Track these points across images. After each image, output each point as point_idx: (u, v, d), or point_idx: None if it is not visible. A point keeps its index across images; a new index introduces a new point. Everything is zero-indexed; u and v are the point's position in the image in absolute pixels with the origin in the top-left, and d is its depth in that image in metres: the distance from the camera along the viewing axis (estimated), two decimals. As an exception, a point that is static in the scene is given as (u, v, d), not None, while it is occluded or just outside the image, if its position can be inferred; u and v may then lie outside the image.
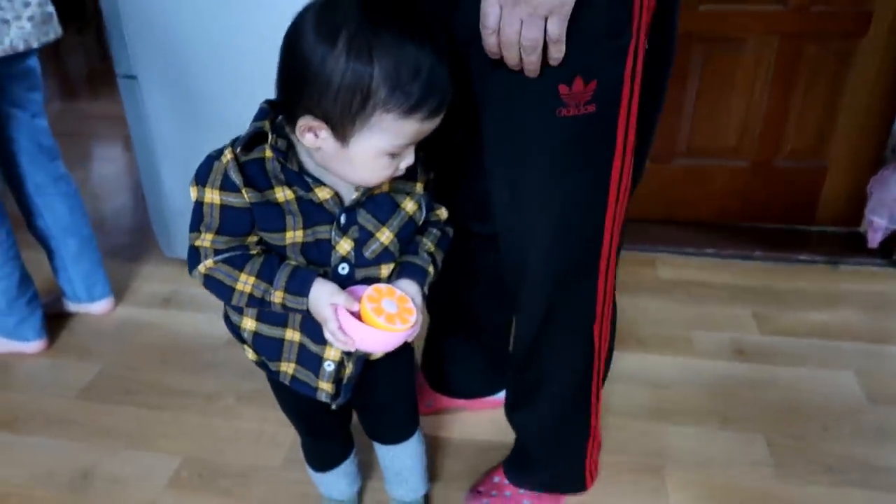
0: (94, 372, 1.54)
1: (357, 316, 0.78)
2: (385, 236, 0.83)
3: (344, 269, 0.82)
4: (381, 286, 0.80)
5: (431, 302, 1.21)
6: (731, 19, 1.81)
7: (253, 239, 0.79)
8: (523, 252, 0.97)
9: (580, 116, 0.81)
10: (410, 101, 0.69)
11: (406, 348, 0.97)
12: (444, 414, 1.42)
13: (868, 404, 1.42)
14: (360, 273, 0.83)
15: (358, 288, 0.81)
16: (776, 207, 2.02)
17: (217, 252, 0.78)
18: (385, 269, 0.84)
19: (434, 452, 1.32)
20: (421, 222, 0.87)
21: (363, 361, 0.89)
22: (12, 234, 1.51)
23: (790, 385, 1.48)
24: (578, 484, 1.20)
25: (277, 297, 0.78)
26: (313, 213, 0.78)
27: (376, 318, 0.76)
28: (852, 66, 1.83)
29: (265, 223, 0.77)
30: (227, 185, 0.75)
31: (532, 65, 0.77)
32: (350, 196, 0.80)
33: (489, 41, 0.77)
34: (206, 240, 0.77)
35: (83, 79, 3.74)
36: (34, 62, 1.49)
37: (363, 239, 0.82)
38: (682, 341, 1.62)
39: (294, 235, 0.78)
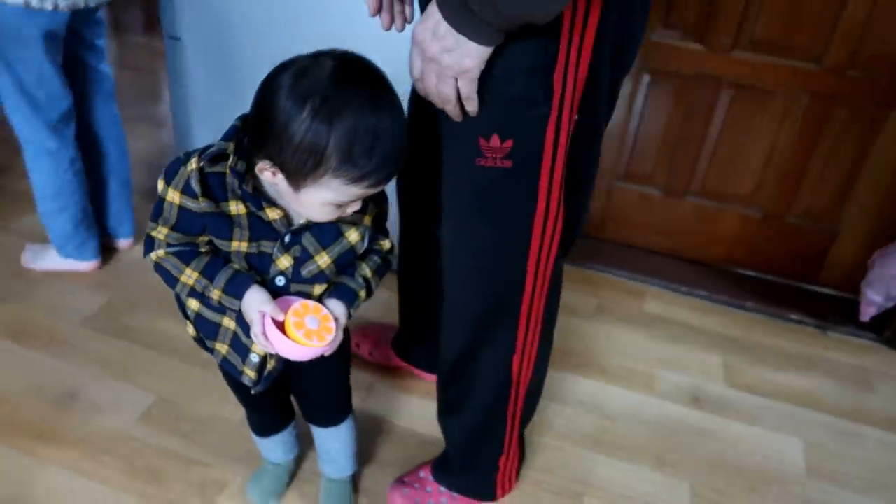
0: (101, 303, 1.70)
1: (281, 325, 0.87)
2: (323, 260, 0.91)
3: (280, 281, 0.91)
4: (310, 303, 0.89)
5: (407, 280, 1.37)
6: (762, 70, 1.80)
7: (203, 239, 0.89)
8: (448, 283, 1.05)
9: (496, 168, 0.90)
10: (358, 173, 0.78)
11: (341, 343, 1.07)
12: (395, 398, 1.52)
13: (804, 476, 1.45)
14: (295, 287, 0.92)
15: (290, 299, 0.90)
16: (780, 261, 2.02)
17: (169, 245, 0.88)
18: (318, 288, 0.93)
19: (377, 436, 1.43)
20: (361, 251, 0.95)
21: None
22: (79, 160, 1.68)
23: (733, 441, 1.52)
24: (488, 494, 1.29)
25: (215, 294, 0.88)
26: (261, 228, 0.87)
27: (296, 332, 0.86)
28: (882, 133, 1.80)
29: (215, 231, 0.87)
30: (187, 191, 0.84)
31: (451, 113, 0.86)
32: (299, 219, 0.88)
33: (417, 86, 0.86)
34: (161, 232, 0.87)
35: (138, 33, 3.91)
36: (102, 13, 1.64)
37: (303, 259, 0.90)
38: (644, 377, 1.67)
39: (239, 245, 0.88)
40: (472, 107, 0.85)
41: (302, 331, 0.86)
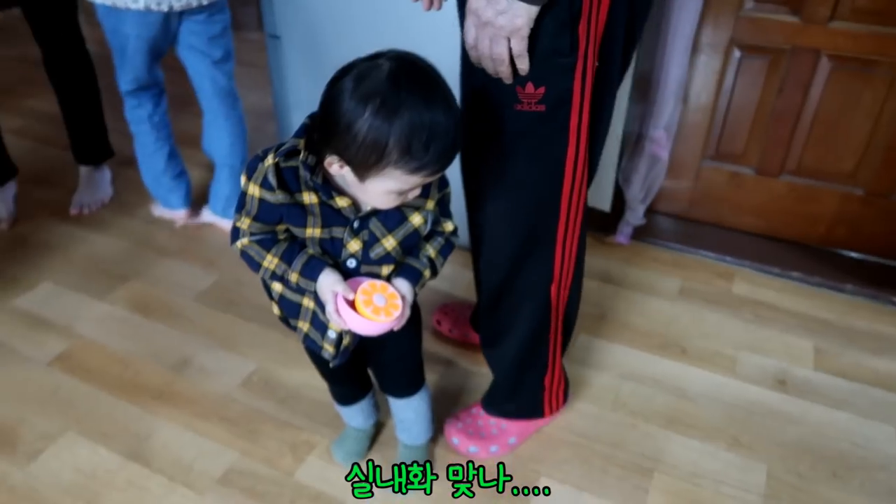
0: (211, 281, 1.88)
1: (352, 304, 0.96)
2: (389, 243, 0.99)
3: (351, 263, 1.00)
4: (377, 282, 0.98)
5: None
6: (863, 40, 1.70)
7: (281, 227, 0.99)
8: (485, 216, 1.18)
9: (532, 112, 1.02)
10: (417, 164, 0.86)
11: (412, 320, 1.16)
12: (472, 373, 1.59)
13: (893, 464, 1.39)
14: (365, 269, 1.00)
15: (359, 279, 0.99)
16: (883, 242, 1.91)
17: (252, 234, 0.99)
18: (386, 269, 1.01)
19: (454, 409, 1.50)
20: (425, 233, 1.03)
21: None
22: (167, 114, 1.93)
23: (817, 426, 1.48)
24: (538, 412, 1.41)
25: (293, 277, 0.98)
26: (332, 216, 0.96)
27: (365, 309, 0.95)
28: None
29: (291, 219, 0.96)
30: (265, 184, 0.93)
31: (503, 74, 0.97)
32: (365, 207, 0.97)
33: (471, 54, 0.98)
34: (244, 223, 0.98)
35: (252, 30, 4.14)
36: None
37: (370, 242, 0.99)
38: (726, 359, 1.65)
39: (313, 232, 0.97)
40: (523, 64, 0.96)
41: (370, 307, 0.95)
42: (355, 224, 0.97)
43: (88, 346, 1.66)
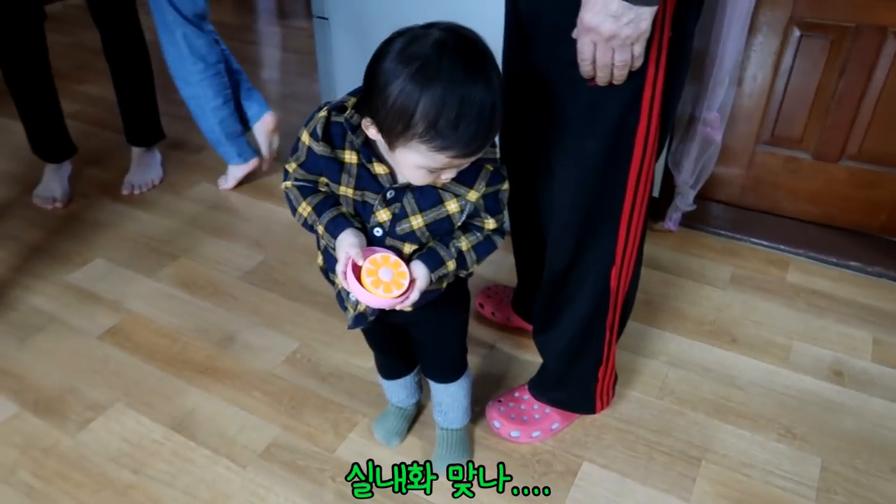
0: (257, 261, 1.90)
1: (359, 270, 0.94)
2: (416, 222, 0.97)
3: (378, 232, 0.98)
4: (392, 257, 0.95)
5: (520, 239, 1.45)
6: (934, 16, 1.62)
7: (323, 180, 0.99)
8: (552, 193, 1.14)
9: (603, 87, 0.97)
10: (442, 143, 0.83)
11: (456, 308, 1.15)
12: (514, 358, 1.57)
13: (959, 460, 1.32)
14: (389, 241, 0.99)
15: (376, 249, 0.97)
16: (952, 231, 1.82)
17: (296, 180, 1.00)
18: (408, 247, 0.99)
19: (496, 393, 1.49)
20: (459, 223, 0.99)
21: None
22: (217, 69, 2.03)
23: (876, 418, 1.41)
24: (588, 406, 1.36)
25: (320, 229, 0.99)
26: (367, 180, 0.95)
27: (366, 279, 0.93)
28: None
29: (328, 173, 0.97)
30: (313, 134, 0.94)
31: (622, 77, 0.94)
32: (402, 179, 0.95)
33: (586, 69, 0.94)
34: (291, 166, 1.00)
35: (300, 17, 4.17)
36: None
37: (399, 216, 0.97)
38: (778, 349, 1.59)
39: (346, 190, 0.97)
40: (639, 62, 0.93)
41: (372, 279, 0.93)
42: (388, 194, 0.96)
43: (137, 321, 1.69)
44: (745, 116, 1.92)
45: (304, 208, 1.00)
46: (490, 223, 1.01)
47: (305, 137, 0.95)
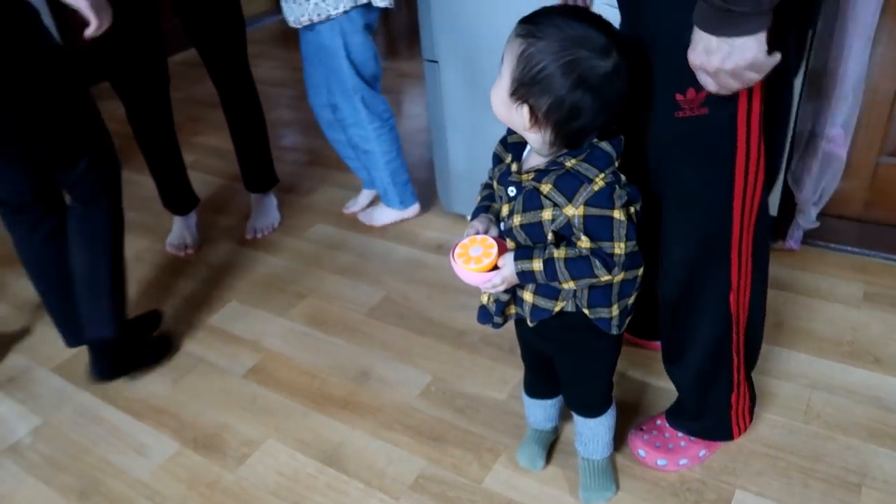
0: (380, 297, 1.97)
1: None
2: (516, 220, 1.03)
3: (502, 225, 1.08)
4: (489, 239, 1.05)
5: None
6: None
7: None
8: (665, 235, 1.16)
9: (695, 117, 0.99)
10: None
11: (595, 347, 1.18)
12: (645, 386, 1.57)
13: None
14: (505, 236, 1.08)
15: (486, 236, 1.06)
16: None
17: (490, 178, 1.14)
18: (511, 244, 1.07)
19: (632, 418, 1.49)
20: (549, 231, 1.01)
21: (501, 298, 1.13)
22: (390, 124, 2.13)
23: None
24: (726, 433, 1.36)
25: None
26: (504, 175, 1.07)
27: (458, 250, 1.04)
28: None
29: (493, 166, 1.12)
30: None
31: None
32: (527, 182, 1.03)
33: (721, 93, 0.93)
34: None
35: (405, 40, 4.32)
36: None
37: (510, 213, 1.05)
38: (928, 368, 1.53)
39: (493, 182, 1.11)
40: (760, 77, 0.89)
41: (462, 252, 1.04)
42: (511, 191, 1.04)
43: (276, 359, 1.78)
44: (866, 129, 1.87)
45: (476, 200, 1.14)
46: (584, 242, 0.99)
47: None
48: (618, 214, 0.98)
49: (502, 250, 1.05)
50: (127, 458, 1.54)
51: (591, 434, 1.30)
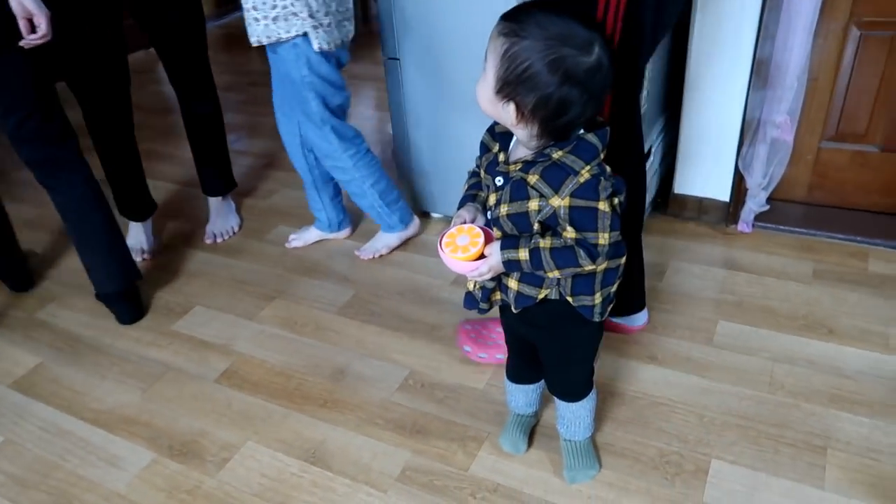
0: (350, 295, 1.97)
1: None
2: (503, 210, 1.05)
3: (489, 214, 1.10)
4: (476, 228, 1.08)
5: None
6: None
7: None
8: None
9: None
10: None
11: (577, 335, 1.21)
12: (619, 363, 1.62)
13: None
14: (492, 224, 1.10)
15: (473, 225, 1.09)
16: None
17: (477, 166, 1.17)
18: (497, 233, 1.09)
19: (610, 398, 1.53)
20: (535, 221, 1.03)
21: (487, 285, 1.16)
22: (364, 147, 2.01)
23: None
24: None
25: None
26: (491, 165, 1.09)
27: (445, 240, 1.07)
28: None
29: (480, 155, 1.14)
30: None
31: None
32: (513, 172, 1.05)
33: None
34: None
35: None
36: None
37: (497, 203, 1.07)
38: (877, 336, 1.63)
39: (480, 170, 1.14)
40: None
41: (449, 241, 1.07)
42: (498, 181, 1.06)
43: (249, 362, 1.76)
44: (808, 116, 1.98)
45: (463, 188, 1.17)
46: (569, 232, 1.01)
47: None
48: (603, 206, 0.99)
49: (489, 240, 1.08)
50: (100, 470, 1.49)
51: (573, 417, 1.34)
